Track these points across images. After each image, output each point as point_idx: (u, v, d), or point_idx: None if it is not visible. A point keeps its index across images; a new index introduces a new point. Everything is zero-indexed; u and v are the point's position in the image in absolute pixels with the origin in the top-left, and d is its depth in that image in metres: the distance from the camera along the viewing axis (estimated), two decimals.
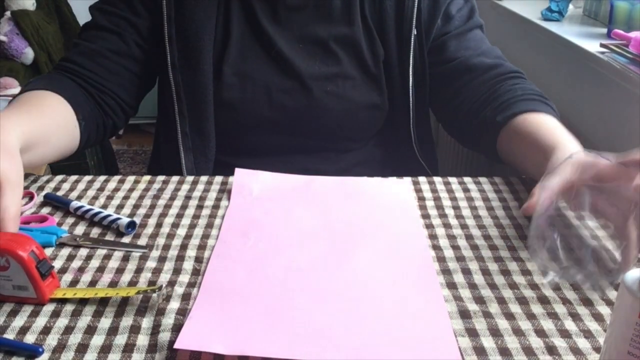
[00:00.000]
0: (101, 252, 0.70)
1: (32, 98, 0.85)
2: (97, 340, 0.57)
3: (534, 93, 0.90)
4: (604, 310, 0.61)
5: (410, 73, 0.97)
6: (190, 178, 0.88)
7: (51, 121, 0.83)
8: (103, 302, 0.62)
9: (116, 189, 0.85)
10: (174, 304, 0.61)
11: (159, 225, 0.76)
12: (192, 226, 0.76)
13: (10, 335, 0.58)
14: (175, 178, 0.88)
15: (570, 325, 0.59)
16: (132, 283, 0.65)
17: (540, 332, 0.58)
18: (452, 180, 0.87)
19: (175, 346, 0.54)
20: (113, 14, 0.95)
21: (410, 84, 0.98)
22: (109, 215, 0.75)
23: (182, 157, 0.96)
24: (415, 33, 0.96)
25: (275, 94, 0.95)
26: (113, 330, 0.58)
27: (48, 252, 0.71)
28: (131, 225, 0.74)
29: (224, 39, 0.95)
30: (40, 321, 0.59)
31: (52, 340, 0.57)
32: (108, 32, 0.94)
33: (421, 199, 0.81)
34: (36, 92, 0.86)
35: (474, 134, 0.94)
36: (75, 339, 0.57)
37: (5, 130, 0.69)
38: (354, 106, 0.96)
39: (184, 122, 0.96)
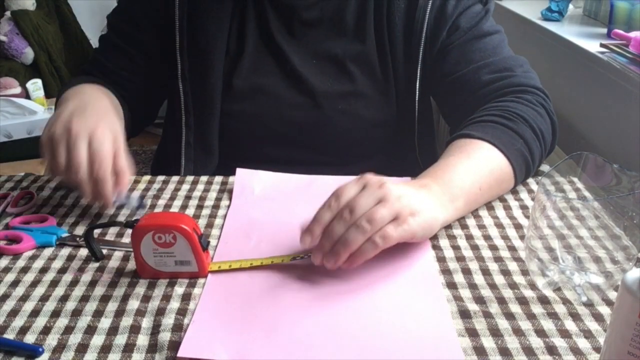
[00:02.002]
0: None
1: (99, 90, 0.90)
2: (97, 340, 0.57)
3: (496, 114, 0.82)
4: (604, 310, 0.61)
5: (417, 87, 0.95)
6: (190, 178, 0.88)
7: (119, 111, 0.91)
8: (103, 302, 0.62)
9: None
10: (174, 304, 0.61)
11: None
12: None
13: (10, 335, 0.57)
14: (175, 178, 0.88)
15: (570, 325, 0.59)
16: (133, 284, 0.65)
17: (540, 332, 0.58)
18: None
19: (179, 354, 0.54)
20: (126, 34, 0.96)
21: (417, 97, 0.96)
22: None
23: (183, 166, 0.96)
24: (423, 47, 0.93)
25: (286, 108, 0.94)
26: (113, 330, 0.58)
27: (48, 252, 0.71)
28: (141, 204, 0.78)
29: (238, 51, 0.94)
30: (40, 321, 0.59)
31: (52, 340, 0.57)
32: (124, 51, 0.96)
33: None
34: (90, 85, 0.91)
35: None
36: (75, 339, 0.57)
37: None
38: (365, 124, 0.95)
39: (189, 134, 0.96)
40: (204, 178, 0.88)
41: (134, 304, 0.61)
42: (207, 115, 0.94)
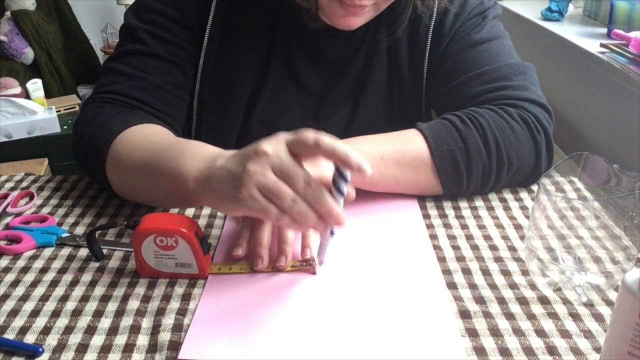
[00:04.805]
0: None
1: (164, 133, 0.79)
2: (97, 340, 0.57)
3: (457, 115, 0.79)
4: (604, 310, 0.61)
5: (423, 104, 0.93)
6: None
7: None
8: (103, 302, 0.62)
9: None
10: (174, 304, 0.61)
11: None
12: None
13: (10, 335, 0.58)
14: None
15: (570, 325, 0.59)
16: (133, 284, 0.65)
17: (540, 332, 0.58)
18: None
19: (180, 357, 0.54)
20: (170, 42, 0.85)
21: (423, 116, 0.94)
22: None
23: None
24: (427, 65, 0.90)
25: None
26: (113, 330, 0.58)
27: (48, 252, 0.71)
28: None
29: (259, 84, 0.90)
30: (40, 321, 0.59)
31: (52, 340, 0.57)
32: (169, 64, 0.85)
33: (421, 199, 0.81)
34: (149, 125, 0.80)
35: None
36: (75, 339, 0.57)
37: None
38: None
39: None
40: None
41: (134, 304, 0.61)
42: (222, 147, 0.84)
